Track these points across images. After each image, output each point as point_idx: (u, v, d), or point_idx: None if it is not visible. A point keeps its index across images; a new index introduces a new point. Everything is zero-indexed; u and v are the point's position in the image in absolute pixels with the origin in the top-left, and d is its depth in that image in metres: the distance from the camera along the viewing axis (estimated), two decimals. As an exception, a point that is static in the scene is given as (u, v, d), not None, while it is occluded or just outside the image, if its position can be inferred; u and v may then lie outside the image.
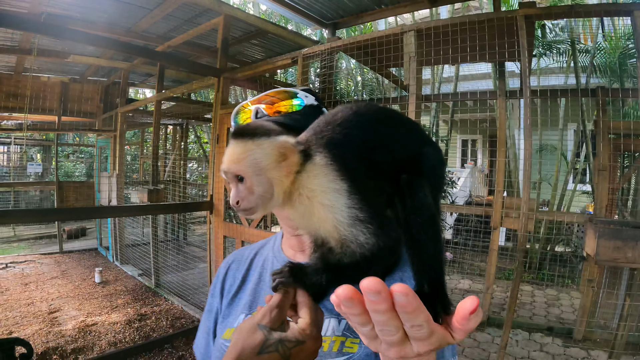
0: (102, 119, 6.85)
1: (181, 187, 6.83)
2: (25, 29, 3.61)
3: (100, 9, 4.01)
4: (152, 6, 3.98)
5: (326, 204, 0.54)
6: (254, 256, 0.92)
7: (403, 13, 4.27)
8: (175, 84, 6.95)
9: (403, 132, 0.65)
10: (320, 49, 2.99)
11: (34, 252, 7.32)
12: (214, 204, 4.03)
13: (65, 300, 4.79)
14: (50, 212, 4.66)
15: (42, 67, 6.15)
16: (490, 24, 2.32)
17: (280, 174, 0.57)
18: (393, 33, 2.55)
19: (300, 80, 3.08)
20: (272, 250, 0.89)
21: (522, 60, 2.22)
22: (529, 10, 2.25)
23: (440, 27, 2.38)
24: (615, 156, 4.05)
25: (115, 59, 5.70)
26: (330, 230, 0.55)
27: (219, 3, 3.89)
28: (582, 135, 5.98)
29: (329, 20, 4.36)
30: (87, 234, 9.25)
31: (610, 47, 6.04)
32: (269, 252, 0.89)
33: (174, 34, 4.69)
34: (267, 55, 5.47)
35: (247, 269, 0.90)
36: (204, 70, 4.40)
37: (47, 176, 10.50)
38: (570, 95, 4.03)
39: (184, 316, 4.36)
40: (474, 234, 5.95)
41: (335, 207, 0.54)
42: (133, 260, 6.58)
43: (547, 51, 6.20)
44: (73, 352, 3.42)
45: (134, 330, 3.92)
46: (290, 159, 0.57)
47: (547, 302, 5.25)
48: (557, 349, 3.89)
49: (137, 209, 4.42)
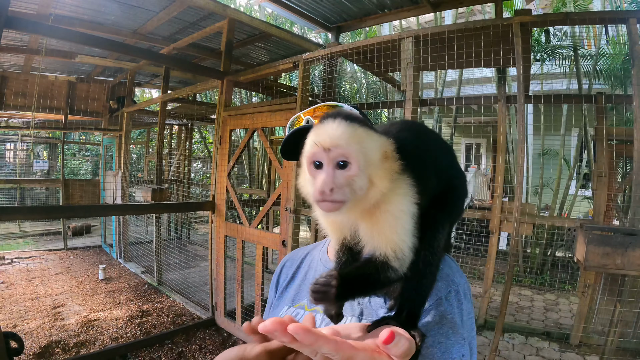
0: (108, 118, 6.96)
1: (185, 186, 6.91)
2: (35, 32, 3.70)
3: (107, 11, 4.10)
4: (158, 9, 4.06)
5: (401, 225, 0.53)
6: (305, 256, 1.00)
7: (406, 17, 4.32)
8: (180, 85, 7.05)
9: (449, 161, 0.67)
10: (321, 53, 3.05)
11: (39, 249, 7.43)
12: (216, 204, 4.10)
13: (68, 295, 4.87)
14: (56, 209, 4.76)
15: (50, 66, 6.26)
16: (487, 31, 2.36)
17: (382, 175, 0.52)
18: (392, 39, 2.60)
19: (301, 84, 3.14)
20: (319, 252, 0.96)
21: (517, 67, 2.27)
22: (525, 18, 2.29)
23: (437, 33, 2.43)
24: (616, 162, 4.07)
25: (122, 59, 5.80)
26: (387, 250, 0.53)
27: (224, 7, 3.96)
28: (584, 141, 5.98)
29: (332, 23, 4.43)
30: (91, 231, 9.36)
31: (614, 52, 6.04)
32: (317, 254, 0.96)
33: (179, 36, 4.77)
34: (271, 58, 5.54)
35: (297, 267, 0.98)
36: (208, 73, 4.47)
37: (53, 173, 10.64)
38: (571, 101, 4.05)
39: (185, 313, 4.43)
40: (474, 238, 5.97)
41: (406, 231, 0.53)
42: (136, 258, 6.67)
43: (549, 56, 6.22)
44: (75, 346, 3.50)
45: (135, 326, 3.99)
46: (390, 163, 0.53)
47: (546, 306, 5.26)
48: (553, 354, 3.90)
49: (141, 207, 4.51)
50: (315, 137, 0.51)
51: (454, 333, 0.67)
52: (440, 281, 0.70)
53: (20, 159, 10.33)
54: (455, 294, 0.72)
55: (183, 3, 3.80)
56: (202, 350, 3.60)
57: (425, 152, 0.62)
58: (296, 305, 0.88)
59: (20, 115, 7.20)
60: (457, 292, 0.73)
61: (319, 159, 0.51)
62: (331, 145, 0.49)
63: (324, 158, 0.50)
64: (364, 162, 0.50)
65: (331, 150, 0.49)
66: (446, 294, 0.71)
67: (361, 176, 0.50)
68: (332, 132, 0.50)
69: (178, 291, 5.11)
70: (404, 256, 0.54)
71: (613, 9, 5.90)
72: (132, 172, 10.03)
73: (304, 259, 1.00)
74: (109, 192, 6.54)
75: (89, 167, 13.51)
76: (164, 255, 5.75)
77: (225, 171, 3.99)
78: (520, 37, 2.26)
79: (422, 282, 0.57)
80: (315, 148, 0.51)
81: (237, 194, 4.08)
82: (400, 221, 0.53)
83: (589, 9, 6.50)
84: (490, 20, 2.50)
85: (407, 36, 2.48)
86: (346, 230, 0.60)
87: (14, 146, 10.66)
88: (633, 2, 6.38)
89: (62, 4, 3.88)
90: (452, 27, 2.42)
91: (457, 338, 0.67)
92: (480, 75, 8.28)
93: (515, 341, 4.13)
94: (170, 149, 8.59)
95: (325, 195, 0.49)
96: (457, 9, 7.15)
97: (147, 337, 3.74)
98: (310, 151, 0.52)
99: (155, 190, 4.87)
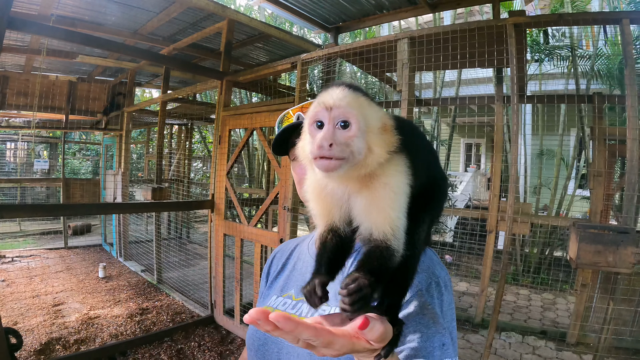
0: (102, 119, 6.99)
1: (185, 186, 6.94)
2: (36, 32, 3.74)
3: (108, 11, 4.14)
4: (158, 10, 4.10)
5: (396, 201, 0.53)
6: (294, 248, 1.05)
7: (404, 18, 4.35)
8: (180, 85, 7.09)
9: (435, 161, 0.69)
10: (319, 54, 3.08)
11: (40, 247, 7.48)
12: (215, 203, 4.14)
13: (69, 293, 4.91)
14: (58, 207, 4.79)
15: (51, 66, 6.30)
16: (482, 32, 2.40)
17: (381, 144, 0.52)
18: (387, 40, 2.63)
19: (299, 84, 3.17)
20: (308, 244, 0.99)
21: (510, 68, 2.30)
22: (518, 19, 2.33)
23: (433, 34, 2.46)
24: (612, 162, 4.10)
25: (122, 59, 5.83)
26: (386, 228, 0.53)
27: (223, 8, 4.00)
28: (582, 141, 6.01)
29: (331, 24, 4.46)
30: (92, 230, 9.40)
31: (613, 53, 6.06)
32: (305, 246, 1.00)
33: (179, 36, 4.81)
34: (270, 58, 5.57)
35: (287, 258, 1.03)
36: (207, 73, 4.51)
37: (54, 173, 10.69)
38: (568, 101, 4.09)
39: (184, 311, 4.47)
40: (473, 237, 6.00)
41: (400, 208, 0.53)
42: (136, 257, 6.71)
43: (548, 57, 6.25)
44: (75, 343, 3.53)
45: (135, 323, 4.03)
46: (389, 136, 0.53)
47: (543, 305, 5.29)
48: (550, 352, 3.93)
49: (141, 206, 4.55)
50: (319, 98, 0.52)
51: (435, 323, 0.70)
52: (421, 273, 0.72)
53: (20, 159, 10.37)
54: (436, 286, 0.74)
55: (183, 4, 3.83)
56: (201, 347, 3.64)
57: (419, 144, 0.64)
58: (284, 294, 0.92)
59: (21, 114, 7.24)
60: (438, 284, 0.75)
61: (320, 118, 0.51)
62: (333, 105, 0.50)
63: (326, 117, 0.50)
64: (364, 126, 0.51)
65: (333, 109, 0.50)
66: (427, 286, 0.73)
67: (360, 139, 0.51)
68: (335, 94, 0.51)
69: (178, 289, 5.15)
70: (400, 237, 0.53)
71: (611, 10, 5.92)
72: (132, 172, 10.07)
73: (294, 250, 1.04)
74: (109, 191, 6.58)
75: (90, 166, 13.56)
76: (164, 254, 5.79)
77: (224, 170, 4.02)
78: (514, 38, 2.29)
79: (403, 274, 0.57)
80: (318, 108, 0.51)
81: (236, 193, 4.11)
82: (398, 198, 0.53)
83: (587, 9, 6.53)
84: (485, 22, 2.54)
85: (403, 37, 2.51)
86: (337, 210, 0.59)
87: (15, 145, 10.70)
88: (631, 2, 6.41)
89: (63, 4, 3.92)
90: (447, 28, 2.45)
91: (437, 328, 0.69)
92: (479, 75, 8.31)
93: (512, 340, 4.16)
94: (171, 149, 8.63)
95: (324, 150, 0.49)
96: (456, 10, 7.19)
97: (146, 334, 3.78)
98: (312, 111, 0.52)
99: (156, 189, 4.91)
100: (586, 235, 2.00)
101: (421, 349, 0.67)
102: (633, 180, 2.40)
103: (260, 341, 0.87)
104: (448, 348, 0.69)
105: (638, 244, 2.16)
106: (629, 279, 3.16)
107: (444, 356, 0.68)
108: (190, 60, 5.51)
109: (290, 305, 0.87)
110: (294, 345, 0.45)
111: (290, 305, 0.87)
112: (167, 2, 3.91)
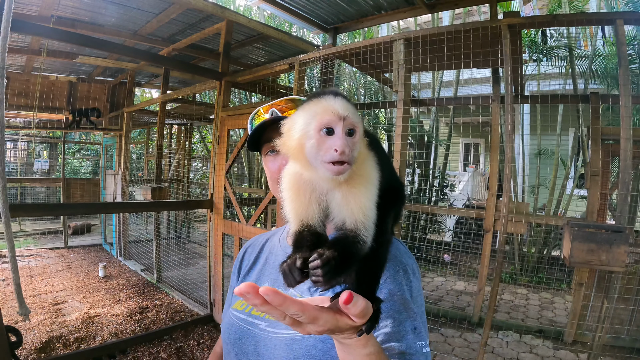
0: (108, 118, 7.03)
1: (185, 185, 6.98)
2: (37, 34, 3.77)
3: (108, 13, 4.16)
4: (158, 11, 4.12)
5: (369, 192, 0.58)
6: (265, 242, 1.07)
7: (402, 18, 4.37)
8: (180, 85, 7.11)
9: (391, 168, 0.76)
10: (316, 55, 3.11)
11: (40, 247, 7.51)
12: (214, 202, 4.16)
13: (69, 293, 4.94)
14: (60, 206, 4.82)
15: (51, 67, 6.33)
16: (477, 33, 2.42)
17: (363, 146, 0.59)
18: (384, 41, 2.66)
19: (297, 84, 3.20)
20: (279, 238, 1.02)
21: (505, 68, 2.32)
22: (513, 20, 2.35)
23: (428, 35, 2.49)
24: (609, 162, 4.13)
25: (122, 60, 5.86)
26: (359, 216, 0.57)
27: (222, 9, 4.03)
28: (580, 141, 6.03)
29: (330, 25, 4.48)
30: (91, 230, 9.44)
31: (611, 53, 6.09)
32: (277, 240, 1.03)
33: (178, 37, 4.83)
34: (269, 59, 5.60)
35: (258, 252, 1.05)
36: (207, 74, 4.53)
37: (54, 173, 10.72)
38: (566, 101, 4.10)
39: (184, 310, 4.50)
40: (471, 237, 6.03)
41: (373, 202, 0.58)
42: (136, 256, 6.74)
43: (545, 57, 6.27)
44: (76, 341, 3.56)
45: (135, 322, 4.06)
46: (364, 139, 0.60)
47: (541, 305, 5.32)
48: (547, 351, 3.96)
49: (141, 205, 4.57)
50: (329, 107, 0.57)
51: (406, 308, 0.74)
52: (388, 262, 0.74)
53: (21, 159, 10.41)
54: (404, 273, 0.79)
55: (182, 5, 3.86)
56: (200, 345, 3.67)
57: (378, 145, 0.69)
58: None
59: (22, 115, 7.27)
60: (406, 271, 0.79)
61: (332, 125, 0.55)
62: (346, 114, 0.55)
63: (339, 125, 0.55)
64: (361, 132, 0.58)
65: (345, 119, 0.55)
66: (394, 273, 0.78)
67: (359, 144, 0.57)
68: (343, 104, 0.56)
69: (177, 288, 5.18)
70: (370, 226, 0.58)
71: (608, 9, 5.95)
72: (131, 172, 10.10)
73: (264, 245, 1.06)
74: (109, 190, 6.62)
75: (89, 166, 13.59)
76: (164, 254, 5.82)
77: (223, 170, 4.05)
78: (508, 39, 2.32)
79: (375, 260, 0.61)
80: (330, 116, 0.55)
81: (235, 192, 4.14)
82: (371, 189, 0.59)
83: (585, 9, 6.55)
84: (480, 22, 2.56)
85: (399, 38, 2.54)
86: (316, 206, 0.63)
87: (14, 145, 10.74)
88: (629, 2, 6.43)
89: (63, 5, 3.95)
90: (443, 29, 2.48)
91: (409, 313, 0.74)
92: (477, 75, 8.33)
93: (510, 338, 4.18)
94: (170, 149, 8.66)
95: (344, 156, 0.53)
96: (454, 10, 7.21)
97: (146, 332, 3.81)
98: (325, 118, 0.56)
99: (155, 189, 4.94)
100: (579, 234, 2.03)
101: (394, 334, 0.70)
102: (627, 179, 2.43)
103: (236, 335, 0.89)
104: (420, 332, 0.73)
105: (631, 243, 2.19)
106: (625, 278, 3.19)
107: (416, 340, 0.72)
108: (189, 60, 5.54)
109: None
110: (280, 322, 0.47)
111: None
112: (167, 4, 3.94)
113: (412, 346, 0.71)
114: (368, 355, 0.57)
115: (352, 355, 0.58)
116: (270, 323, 0.84)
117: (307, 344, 0.76)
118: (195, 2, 3.73)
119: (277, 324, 0.82)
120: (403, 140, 2.40)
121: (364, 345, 0.56)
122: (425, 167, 7.70)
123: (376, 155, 0.63)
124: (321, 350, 0.74)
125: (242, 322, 0.90)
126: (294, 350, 0.77)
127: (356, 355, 0.57)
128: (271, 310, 0.44)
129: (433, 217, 7.49)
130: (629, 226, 2.35)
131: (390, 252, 0.75)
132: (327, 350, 0.74)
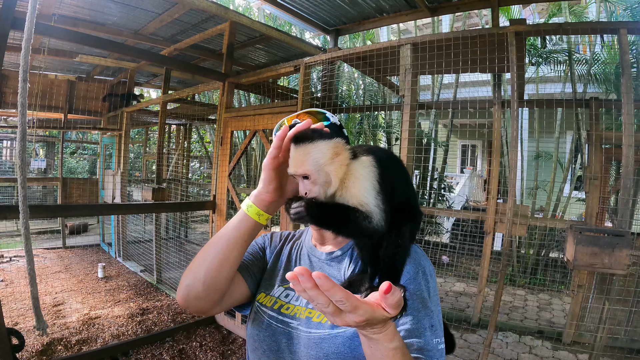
0: (107, 117, 7.00)
1: (184, 185, 6.95)
2: (38, 32, 3.73)
3: (109, 12, 4.14)
4: (160, 11, 4.11)
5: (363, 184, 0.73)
6: (296, 238, 1.10)
7: (404, 21, 4.40)
8: (180, 85, 7.09)
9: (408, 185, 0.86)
10: (322, 58, 3.12)
11: (37, 247, 7.44)
12: (217, 204, 4.16)
13: (69, 294, 4.91)
14: (60, 208, 4.78)
15: (50, 65, 6.28)
16: (482, 40, 2.45)
17: (335, 166, 0.73)
18: (390, 45, 2.68)
19: (302, 87, 3.21)
20: (305, 238, 1.06)
21: (511, 75, 2.35)
22: (519, 27, 2.38)
23: (435, 41, 2.51)
24: (607, 166, 4.17)
25: (122, 59, 5.83)
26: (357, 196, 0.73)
27: (225, 10, 4.02)
28: (578, 144, 6.09)
29: (331, 26, 4.50)
30: (88, 229, 9.38)
31: (610, 57, 6.15)
32: (304, 240, 1.07)
33: (180, 37, 4.82)
34: (271, 60, 5.60)
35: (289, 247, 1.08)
36: (210, 75, 4.52)
37: (51, 172, 10.63)
38: (565, 105, 4.14)
39: (185, 311, 4.49)
40: (470, 238, 6.08)
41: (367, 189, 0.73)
42: (135, 257, 6.71)
43: (545, 61, 6.32)
44: (77, 343, 3.55)
45: (136, 323, 4.05)
46: (341, 155, 0.74)
47: (540, 306, 5.37)
48: (546, 352, 4.00)
49: (143, 206, 4.55)
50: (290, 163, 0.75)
51: (424, 307, 0.80)
52: (409, 264, 0.83)
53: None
54: (423, 274, 0.85)
55: (185, 5, 3.85)
56: (203, 347, 3.66)
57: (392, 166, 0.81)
58: (284, 285, 0.97)
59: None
60: (424, 273, 0.85)
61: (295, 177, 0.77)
62: (294, 171, 0.75)
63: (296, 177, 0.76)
64: (317, 167, 0.73)
65: (295, 174, 0.75)
66: (414, 275, 0.84)
67: (319, 177, 0.73)
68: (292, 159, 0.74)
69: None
70: (370, 208, 0.72)
71: (607, 16, 6.01)
72: (129, 172, 10.05)
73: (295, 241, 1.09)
74: (108, 190, 6.58)
75: (87, 165, 13.49)
76: (163, 254, 5.80)
77: (226, 171, 4.05)
78: (514, 46, 2.34)
79: (395, 261, 0.75)
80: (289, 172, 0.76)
81: (237, 193, 4.14)
82: (362, 181, 0.73)
83: (585, 14, 6.61)
84: (486, 30, 2.59)
85: (406, 43, 2.56)
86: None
87: (11, 144, 10.64)
88: (627, 8, 6.49)
89: (65, 4, 3.92)
90: (450, 35, 2.50)
91: (426, 311, 0.79)
92: (476, 78, 8.38)
93: (509, 339, 4.22)
94: (169, 148, 8.62)
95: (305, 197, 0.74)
96: (455, 13, 7.24)
97: (148, 334, 3.80)
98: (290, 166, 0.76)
99: (156, 189, 4.92)
100: (583, 237, 2.06)
101: (414, 330, 0.76)
102: (628, 185, 2.46)
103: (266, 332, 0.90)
104: (436, 329, 0.79)
105: (632, 246, 2.23)
106: (624, 280, 3.23)
107: (433, 336, 0.77)
108: (190, 60, 5.52)
109: (292, 297, 0.92)
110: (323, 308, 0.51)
111: (294, 297, 0.92)
112: (170, 4, 3.93)
113: (430, 342, 0.76)
114: (394, 349, 0.60)
115: (379, 351, 0.61)
116: (301, 322, 0.87)
117: (336, 342, 0.80)
118: (199, 2, 3.73)
119: (307, 324, 0.85)
120: (410, 145, 2.42)
121: (391, 339, 0.59)
122: (423, 169, 7.74)
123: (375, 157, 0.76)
124: (349, 348, 0.79)
125: (273, 320, 0.91)
126: (323, 349, 0.80)
127: (383, 349, 0.60)
128: (318, 296, 0.48)
129: (431, 218, 7.54)
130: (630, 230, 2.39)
131: (411, 254, 0.85)
132: (355, 348, 0.78)
